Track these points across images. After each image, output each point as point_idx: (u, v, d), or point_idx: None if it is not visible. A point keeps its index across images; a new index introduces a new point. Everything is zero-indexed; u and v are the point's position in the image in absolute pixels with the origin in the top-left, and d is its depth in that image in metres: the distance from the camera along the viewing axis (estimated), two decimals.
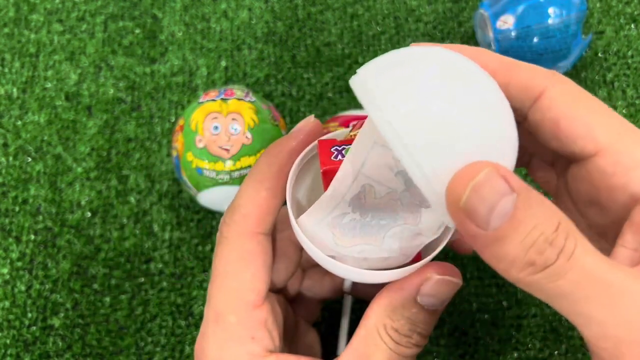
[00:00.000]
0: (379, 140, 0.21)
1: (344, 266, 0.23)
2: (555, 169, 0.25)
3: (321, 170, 0.23)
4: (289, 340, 0.29)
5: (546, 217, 0.17)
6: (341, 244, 0.23)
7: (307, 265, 0.31)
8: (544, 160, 0.26)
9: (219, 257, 0.24)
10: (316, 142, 0.25)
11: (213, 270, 0.25)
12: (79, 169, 0.41)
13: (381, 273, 0.22)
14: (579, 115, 0.21)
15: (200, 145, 0.34)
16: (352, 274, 0.23)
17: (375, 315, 0.23)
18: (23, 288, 0.38)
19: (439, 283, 0.23)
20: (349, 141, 0.23)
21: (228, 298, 0.24)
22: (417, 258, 0.24)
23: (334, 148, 0.23)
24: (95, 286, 0.38)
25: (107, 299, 0.37)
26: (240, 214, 0.24)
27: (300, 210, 0.24)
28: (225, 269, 0.24)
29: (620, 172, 0.20)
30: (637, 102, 0.41)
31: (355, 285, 0.32)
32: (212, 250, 0.38)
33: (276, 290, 0.28)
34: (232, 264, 0.24)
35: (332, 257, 0.23)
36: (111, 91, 0.43)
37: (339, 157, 0.23)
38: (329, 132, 0.34)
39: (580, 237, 0.18)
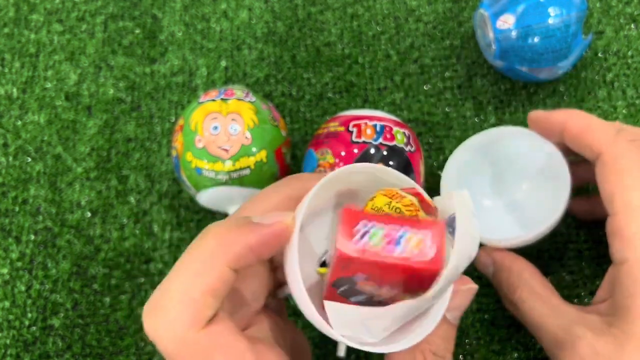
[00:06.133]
0: (471, 231, 0.19)
1: (381, 347, 0.21)
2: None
3: (336, 253, 0.19)
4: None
5: None
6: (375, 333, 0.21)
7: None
8: None
9: None
10: (328, 177, 0.21)
11: None
12: (79, 169, 0.41)
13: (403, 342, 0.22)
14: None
15: (200, 145, 0.34)
16: (385, 349, 0.21)
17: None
18: (23, 288, 0.38)
19: (465, 294, 0.24)
20: (385, 218, 0.19)
21: None
22: None
23: (362, 224, 0.19)
24: (95, 286, 0.38)
25: (107, 299, 0.37)
26: (172, 316, 0.20)
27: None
28: None
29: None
30: (637, 102, 0.41)
31: None
32: None
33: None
34: None
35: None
36: (111, 91, 0.43)
37: (363, 240, 0.19)
38: (328, 131, 0.34)
39: None
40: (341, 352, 0.32)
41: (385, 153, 0.33)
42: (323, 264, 0.25)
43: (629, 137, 0.27)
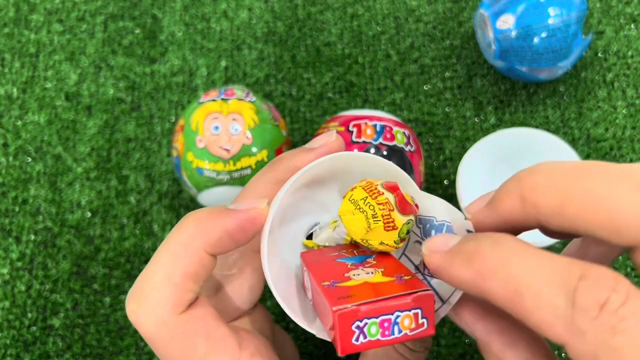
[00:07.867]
0: None
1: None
2: None
3: (340, 352, 0.19)
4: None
5: None
6: None
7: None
8: None
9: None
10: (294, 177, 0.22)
11: None
12: (79, 169, 0.41)
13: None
14: None
15: (201, 145, 0.34)
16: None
17: None
18: (23, 288, 0.38)
19: None
20: (376, 307, 0.19)
21: None
22: None
23: (357, 322, 0.19)
24: (95, 286, 0.38)
25: (107, 299, 0.37)
26: (154, 300, 0.20)
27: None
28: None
29: None
30: (637, 102, 0.41)
31: None
32: None
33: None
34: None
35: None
36: (111, 91, 0.43)
37: (360, 337, 0.19)
38: (328, 131, 0.34)
39: None
40: None
41: (385, 153, 0.33)
42: (310, 236, 0.25)
43: None
